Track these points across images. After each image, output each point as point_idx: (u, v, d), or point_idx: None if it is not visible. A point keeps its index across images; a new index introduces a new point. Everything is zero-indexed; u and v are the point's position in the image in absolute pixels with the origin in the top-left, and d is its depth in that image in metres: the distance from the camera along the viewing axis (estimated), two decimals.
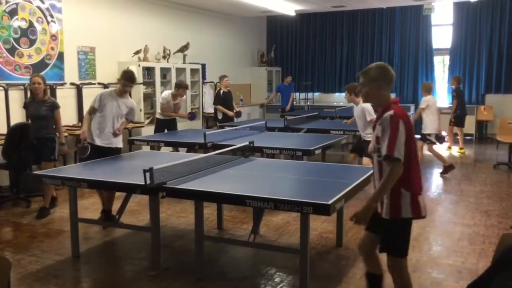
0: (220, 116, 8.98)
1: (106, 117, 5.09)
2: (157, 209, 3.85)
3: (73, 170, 4.48)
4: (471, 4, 11.23)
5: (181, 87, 7.49)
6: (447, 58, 12.18)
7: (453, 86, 9.98)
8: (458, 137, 10.07)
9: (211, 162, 4.38)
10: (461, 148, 9.95)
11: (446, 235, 4.77)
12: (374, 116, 5.94)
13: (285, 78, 11.93)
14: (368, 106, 6.05)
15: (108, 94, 5.16)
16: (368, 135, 6.05)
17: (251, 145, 4.98)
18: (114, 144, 5.18)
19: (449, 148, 10.20)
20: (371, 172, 4.12)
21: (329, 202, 3.10)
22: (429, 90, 8.02)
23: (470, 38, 11.63)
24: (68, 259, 4.24)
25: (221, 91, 8.96)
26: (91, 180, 3.94)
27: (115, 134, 5.14)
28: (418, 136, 7.13)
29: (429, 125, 7.67)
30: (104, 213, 5.14)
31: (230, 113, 8.91)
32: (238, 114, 9.14)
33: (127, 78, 5.11)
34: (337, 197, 3.24)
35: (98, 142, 5.09)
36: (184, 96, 7.82)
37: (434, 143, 7.75)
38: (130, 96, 5.26)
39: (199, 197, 3.58)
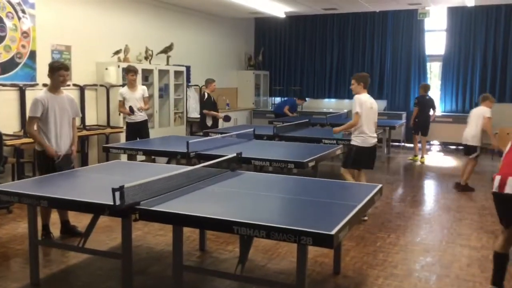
0: (209, 123, 8.50)
1: (53, 122, 4.58)
2: (129, 233, 3.30)
3: (33, 185, 3.91)
4: (466, 10, 10.88)
5: (128, 71, 7.15)
6: (436, 65, 11.87)
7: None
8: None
9: (193, 177, 3.86)
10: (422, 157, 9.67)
11: (454, 260, 4.30)
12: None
13: (301, 100, 11.06)
14: None
15: (45, 97, 4.57)
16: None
17: (239, 156, 4.47)
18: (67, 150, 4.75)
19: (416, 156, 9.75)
20: (376, 190, 3.66)
21: (333, 232, 2.60)
22: None
23: (464, 44, 11.28)
24: (25, 287, 3.67)
25: (212, 96, 8.55)
26: (53, 198, 3.38)
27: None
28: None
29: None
30: (62, 225, 4.84)
31: (220, 115, 8.67)
32: (227, 118, 8.74)
33: (59, 66, 4.62)
34: (341, 225, 2.74)
35: (63, 151, 4.61)
36: (143, 87, 7.44)
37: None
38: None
39: (179, 222, 3.05)
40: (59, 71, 4.55)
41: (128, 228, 3.29)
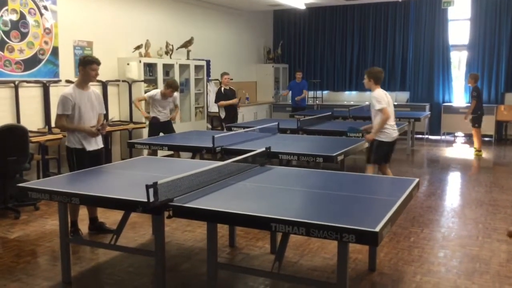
0: (223, 115, 8.59)
1: (84, 119, 4.49)
2: (161, 230, 3.24)
3: (63, 182, 3.87)
4: None
5: (170, 87, 6.87)
6: (455, 54, 11.62)
7: (470, 85, 9.39)
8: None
9: (223, 173, 3.78)
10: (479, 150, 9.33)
11: (493, 256, 4.16)
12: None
13: (295, 75, 11.30)
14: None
15: (73, 93, 4.44)
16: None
17: (268, 151, 4.38)
18: (100, 144, 4.70)
19: (479, 151, 9.28)
20: (414, 184, 3.54)
21: (377, 229, 2.50)
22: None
23: (489, 33, 11.01)
24: (57, 285, 3.64)
25: (222, 89, 8.63)
26: (85, 195, 3.33)
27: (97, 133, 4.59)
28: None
29: None
30: (90, 222, 4.82)
31: (235, 100, 8.72)
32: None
33: (92, 60, 4.50)
34: (385, 221, 2.63)
35: (89, 147, 4.53)
36: (176, 94, 7.19)
37: None
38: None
39: (214, 219, 2.97)
40: (91, 64, 4.45)
41: (161, 226, 3.22)
